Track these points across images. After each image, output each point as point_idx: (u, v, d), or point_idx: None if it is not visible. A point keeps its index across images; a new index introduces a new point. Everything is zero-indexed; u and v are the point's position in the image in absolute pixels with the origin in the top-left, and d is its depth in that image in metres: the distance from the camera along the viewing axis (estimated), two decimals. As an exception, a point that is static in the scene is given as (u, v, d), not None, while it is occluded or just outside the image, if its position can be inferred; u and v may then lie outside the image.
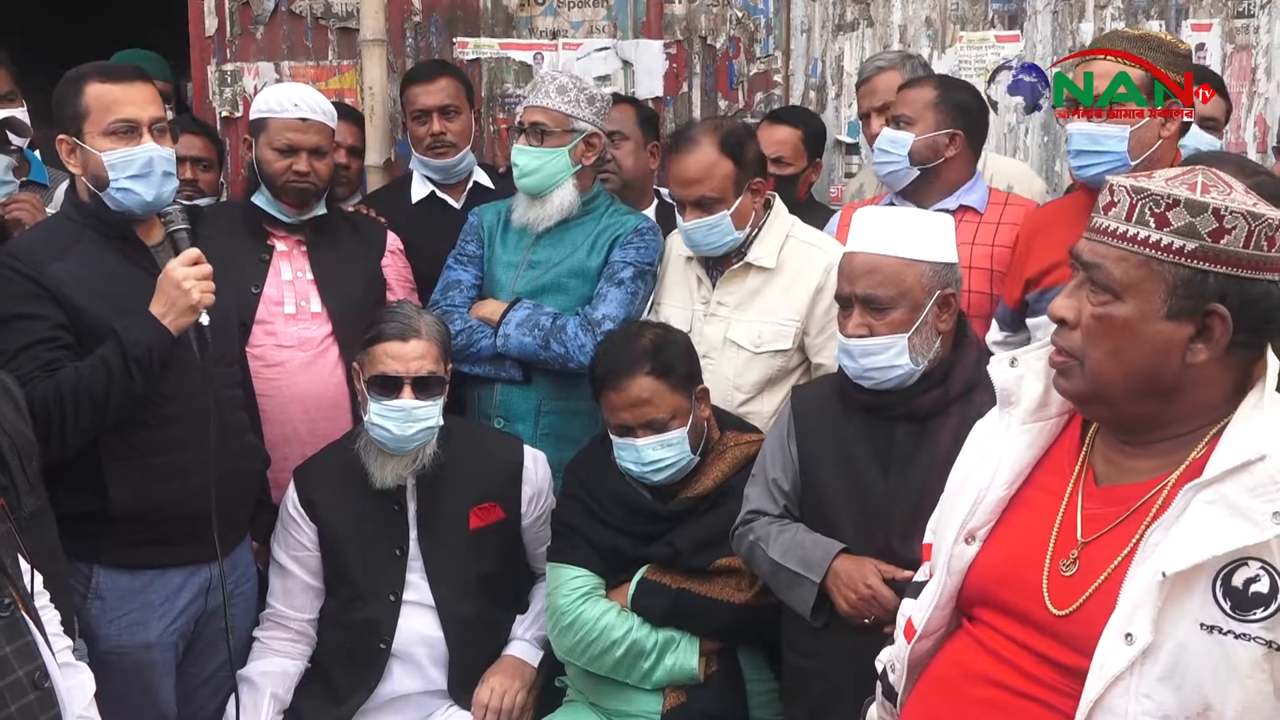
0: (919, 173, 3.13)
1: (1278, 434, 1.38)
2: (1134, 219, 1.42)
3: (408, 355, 2.74)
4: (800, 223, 3.07)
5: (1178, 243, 1.39)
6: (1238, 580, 1.35)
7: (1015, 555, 1.55)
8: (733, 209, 2.90)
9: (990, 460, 1.61)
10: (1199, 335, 1.41)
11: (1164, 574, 1.36)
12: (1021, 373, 1.62)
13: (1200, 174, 1.43)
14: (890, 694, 1.73)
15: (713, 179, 2.89)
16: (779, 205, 3.06)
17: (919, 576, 1.83)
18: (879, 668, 1.80)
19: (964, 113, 3.15)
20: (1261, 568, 1.34)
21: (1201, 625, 1.36)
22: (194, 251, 2.49)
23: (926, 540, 1.85)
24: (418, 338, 2.76)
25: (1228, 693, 1.35)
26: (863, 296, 2.35)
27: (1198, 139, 3.28)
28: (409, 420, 2.73)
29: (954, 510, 1.64)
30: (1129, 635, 1.38)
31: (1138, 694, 1.37)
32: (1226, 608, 1.35)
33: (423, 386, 2.75)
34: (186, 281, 2.44)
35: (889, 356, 2.34)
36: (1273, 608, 1.33)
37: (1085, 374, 1.48)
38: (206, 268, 2.48)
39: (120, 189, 2.50)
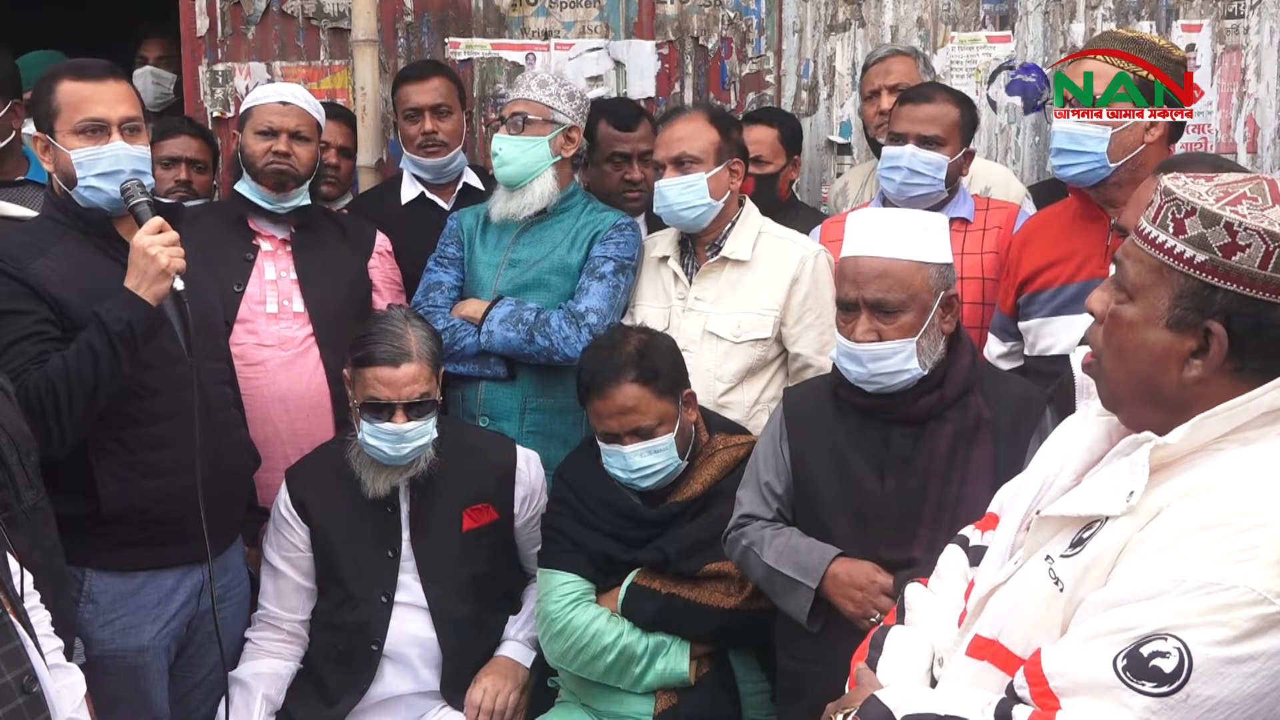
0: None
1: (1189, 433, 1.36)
2: (1158, 221, 1.39)
3: (399, 381, 2.72)
4: (770, 221, 3.14)
5: (1189, 252, 1.34)
6: (1087, 531, 1.40)
7: None
8: (710, 174, 2.96)
9: (1064, 449, 1.59)
10: (1200, 350, 1.36)
11: (1038, 512, 1.49)
12: None
13: (1250, 185, 1.36)
14: None
15: (695, 140, 2.98)
16: (750, 204, 3.13)
17: (980, 542, 1.82)
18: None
19: (972, 128, 3.17)
20: (1101, 522, 1.38)
21: (1047, 557, 1.43)
22: (157, 220, 2.47)
23: (993, 510, 1.84)
24: (408, 361, 2.73)
25: (1028, 616, 1.43)
26: (872, 301, 2.29)
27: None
28: (402, 441, 2.73)
29: (1023, 495, 1.62)
30: (1016, 559, 1.52)
31: (1002, 600, 1.50)
32: (1065, 547, 1.41)
33: (414, 408, 2.74)
34: (153, 248, 2.42)
35: (898, 361, 2.30)
36: (1081, 547, 1.38)
37: (1103, 373, 1.47)
38: (172, 234, 2.47)
39: (87, 187, 2.50)
